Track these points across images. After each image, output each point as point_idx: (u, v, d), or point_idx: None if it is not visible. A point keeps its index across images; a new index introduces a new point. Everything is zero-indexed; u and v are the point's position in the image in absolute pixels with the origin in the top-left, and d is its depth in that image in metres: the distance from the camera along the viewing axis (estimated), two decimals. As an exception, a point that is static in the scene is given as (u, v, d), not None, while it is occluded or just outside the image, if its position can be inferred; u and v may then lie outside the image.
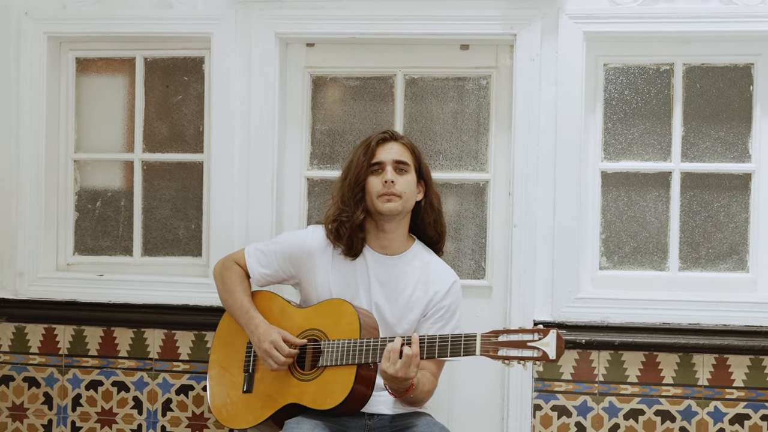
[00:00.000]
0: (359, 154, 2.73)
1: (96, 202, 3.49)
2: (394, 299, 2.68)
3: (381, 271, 2.70)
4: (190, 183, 3.43)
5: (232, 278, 2.78)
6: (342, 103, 3.37)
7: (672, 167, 3.22)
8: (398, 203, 2.65)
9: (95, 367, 3.37)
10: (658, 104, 3.23)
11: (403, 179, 2.67)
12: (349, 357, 2.52)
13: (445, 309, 2.70)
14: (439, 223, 2.79)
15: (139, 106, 3.45)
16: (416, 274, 2.71)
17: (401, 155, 2.70)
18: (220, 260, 2.87)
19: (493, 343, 2.34)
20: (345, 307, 2.60)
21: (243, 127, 3.26)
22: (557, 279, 3.13)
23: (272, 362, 2.60)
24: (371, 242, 2.73)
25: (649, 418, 3.12)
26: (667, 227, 3.23)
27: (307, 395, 2.57)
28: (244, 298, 2.74)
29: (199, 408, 3.32)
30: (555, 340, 2.29)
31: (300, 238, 2.77)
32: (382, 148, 2.71)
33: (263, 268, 2.78)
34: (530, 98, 3.15)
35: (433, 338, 2.43)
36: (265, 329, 2.64)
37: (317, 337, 2.62)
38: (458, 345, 2.40)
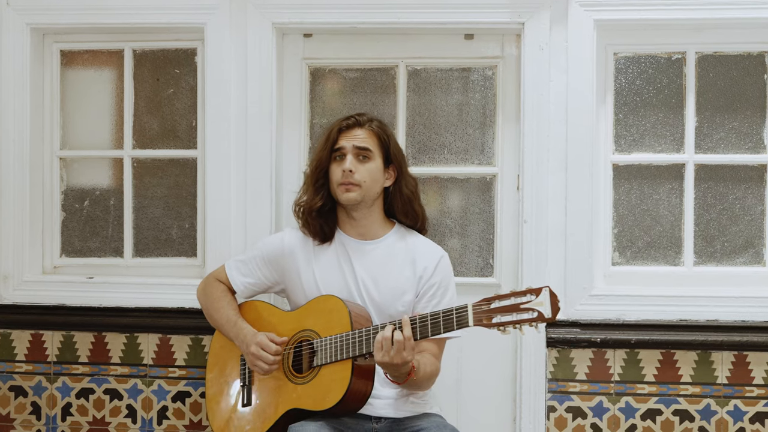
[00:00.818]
0: (322, 141, 2.68)
1: (84, 201, 3.37)
2: (382, 281, 2.60)
3: (363, 257, 2.64)
4: (183, 180, 3.31)
5: (215, 294, 2.74)
6: (341, 95, 3.26)
7: (685, 159, 3.14)
8: (356, 193, 2.58)
9: (86, 374, 3.24)
10: (671, 94, 3.15)
11: (365, 167, 2.60)
12: (343, 351, 2.43)
13: (436, 285, 2.62)
14: (412, 210, 2.70)
15: (128, 101, 3.32)
16: (401, 255, 2.64)
17: (364, 142, 2.61)
18: (202, 281, 2.83)
19: (485, 311, 2.25)
20: (333, 302, 2.52)
21: (238, 122, 3.15)
22: (570, 276, 3.04)
23: (262, 364, 2.52)
24: (346, 229, 2.68)
25: (667, 418, 3.03)
26: (681, 221, 3.15)
27: (306, 398, 2.48)
28: (230, 312, 2.68)
29: (197, 415, 3.20)
30: (548, 298, 2.19)
31: (278, 239, 2.73)
32: (345, 134, 2.64)
33: (245, 277, 2.73)
34: (539, 88, 3.06)
35: (424, 317, 2.35)
36: (252, 334, 2.59)
37: (310, 337, 2.53)
38: (450, 319, 2.31)
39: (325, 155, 2.63)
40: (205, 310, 2.76)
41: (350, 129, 2.63)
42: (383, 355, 2.33)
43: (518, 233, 3.10)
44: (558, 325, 3.02)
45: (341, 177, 2.58)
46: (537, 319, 2.19)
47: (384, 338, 2.33)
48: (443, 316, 2.32)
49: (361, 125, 2.64)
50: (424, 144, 3.21)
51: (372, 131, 2.64)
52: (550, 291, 2.19)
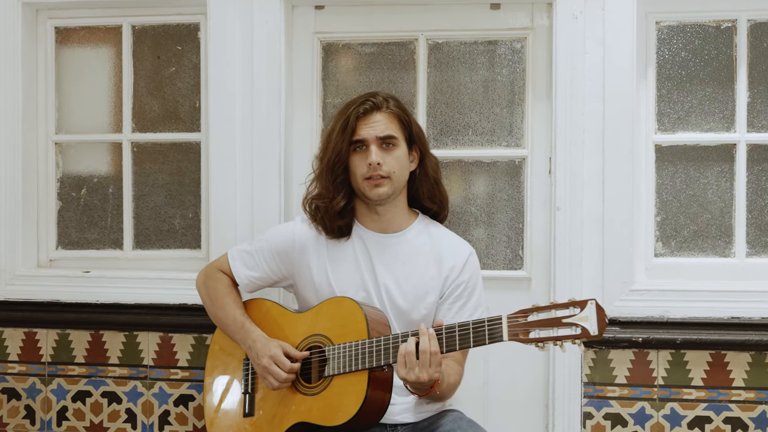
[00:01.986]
0: (337, 130, 2.38)
1: (81, 189, 3.19)
2: (405, 281, 2.36)
3: (384, 253, 2.39)
4: (186, 166, 3.12)
5: (219, 289, 2.48)
6: (357, 72, 3.04)
7: (736, 138, 2.87)
8: (387, 187, 2.34)
9: (82, 375, 3.06)
10: (719, 67, 2.88)
11: (392, 156, 2.35)
12: (359, 361, 2.19)
13: (463, 285, 2.39)
14: (437, 193, 2.47)
15: (127, 81, 3.13)
16: (425, 250, 2.40)
17: (387, 129, 2.35)
18: (201, 270, 2.58)
19: (522, 324, 2.02)
20: (348, 305, 2.27)
21: (245, 102, 2.95)
22: (608, 269, 2.79)
23: (273, 380, 2.27)
24: (366, 222, 2.43)
25: (717, 426, 2.78)
26: (732, 207, 2.88)
27: (315, 411, 2.24)
28: (237, 311, 2.43)
29: (201, 421, 2.99)
30: (595, 312, 1.97)
31: (288, 230, 2.47)
32: (363, 122, 2.35)
33: (251, 271, 2.48)
34: (573, 62, 2.80)
35: (451, 328, 2.11)
36: (263, 344, 2.32)
37: (321, 343, 2.28)
38: (482, 332, 2.07)
39: (344, 146, 2.35)
40: (207, 305, 2.52)
41: (368, 114, 2.36)
42: (408, 372, 2.10)
43: (550, 222, 2.85)
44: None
45: (367, 171, 2.32)
46: (581, 336, 1.96)
47: (407, 352, 2.10)
48: (473, 328, 2.08)
49: (379, 108, 2.36)
50: (446, 125, 2.96)
51: (392, 113, 2.38)
52: (596, 304, 1.97)
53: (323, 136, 2.46)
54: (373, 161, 2.31)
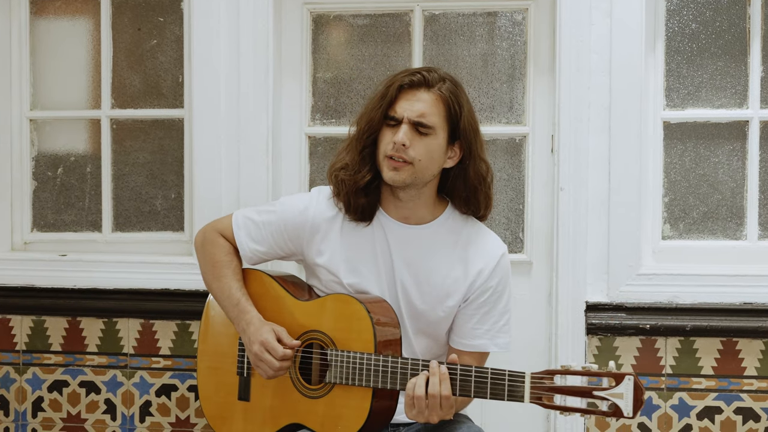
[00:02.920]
0: (376, 97, 2.14)
1: (57, 168, 3.05)
2: (424, 281, 2.14)
3: (405, 246, 2.16)
4: (168, 144, 2.98)
5: (218, 256, 2.25)
6: (348, 46, 2.90)
7: (749, 115, 2.74)
8: (406, 173, 2.07)
9: (59, 364, 2.93)
10: (732, 40, 2.75)
11: (422, 143, 2.06)
12: (363, 377, 2.01)
13: (491, 291, 2.16)
14: (475, 200, 2.18)
15: (106, 54, 2.99)
16: (451, 247, 2.17)
17: (426, 115, 2.06)
18: (201, 229, 2.33)
19: (547, 388, 1.84)
20: (356, 310, 2.06)
21: (231, 77, 2.81)
22: (614, 252, 2.66)
23: (266, 368, 2.08)
24: (389, 209, 2.18)
25: (727, 417, 2.66)
26: (744, 187, 2.76)
27: (314, 417, 2.09)
28: (234, 285, 2.21)
29: (184, 412, 2.85)
30: (632, 390, 1.79)
31: (301, 206, 2.21)
32: (405, 96, 2.08)
33: (256, 244, 2.24)
34: (578, 34, 2.67)
35: (467, 371, 1.92)
36: (256, 327, 2.11)
37: (323, 343, 2.10)
38: (501, 386, 1.89)
39: (377, 116, 2.09)
40: (203, 271, 2.30)
41: (413, 89, 2.08)
42: (417, 415, 1.94)
43: (553, 203, 2.72)
44: (600, 309, 2.65)
45: (390, 149, 2.06)
46: (613, 414, 1.80)
47: (416, 397, 1.92)
48: (492, 379, 1.90)
49: (429, 85, 2.08)
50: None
51: (440, 97, 2.08)
52: (635, 381, 1.80)
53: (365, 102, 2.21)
54: (398, 140, 2.04)
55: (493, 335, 2.15)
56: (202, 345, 2.31)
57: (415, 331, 2.16)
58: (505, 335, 2.17)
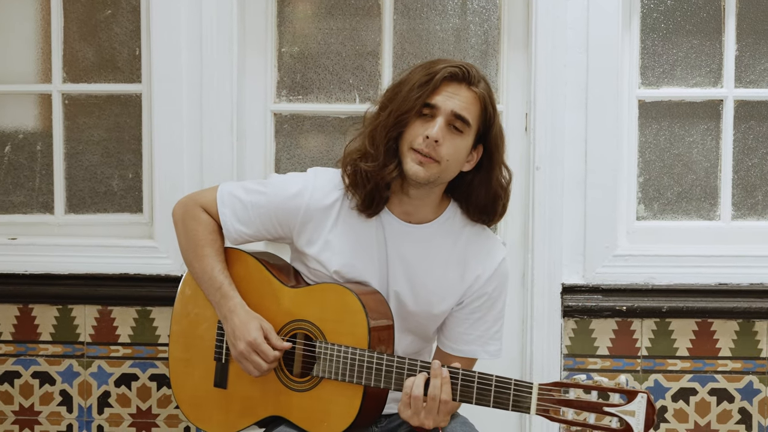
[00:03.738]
0: (415, 82, 1.97)
1: (4, 146, 2.90)
2: (419, 282, 2.05)
3: (402, 244, 2.05)
4: (125, 121, 2.84)
5: (199, 234, 2.10)
6: (315, 19, 2.80)
7: (724, 94, 2.72)
8: (430, 171, 1.95)
9: (10, 354, 2.79)
10: (707, 17, 2.72)
11: (452, 142, 1.95)
12: (354, 374, 1.91)
13: (486, 296, 2.07)
14: (493, 209, 2.07)
15: (56, 24, 2.83)
16: (449, 248, 2.07)
17: (466, 109, 1.95)
18: (180, 201, 2.17)
19: (555, 401, 1.76)
20: (349, 301, 1.95)
21: (192, 50, 2.69)
22: (590, 233, 2.62)
23: (251, 368, 1.97)
24: (392, 205, 2.05)
25: (702, 398, 2.65)
26: (718, 167, 2.74)
27: (297, 411, 1.98)
28: (216, 266, 2.06)
29: (146, 402, 2.74)
30: (644, 409, 1.72)
31: (294, 190, 2.05)
32: (447, 88, 1.95)
33: (242, 225, 2.09)
34: (555, 10, 2.60)
35: (470, 377, 1.84)
36: (242, 321, 1.99)
37: (310, 334, 2.00)
38: (506, 395, 1.81)
39: (417, 104, 1.94)
40: (182, 247, 2.13)
41: (456, 82, 1.96)
42: (411, 416, 1.86)
43: (528, 182, 2.66)
44: (576, 291, 2.61)
45: (421, 143, 1.93)
46: (622, 431, 1.71)
47: (414, 397, 1.84)
48: (497, 388, 1.82)
49: (470, 83, 1.97)
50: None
51: (479, 97, 1.98)
52: (648, 400, 1.72)
53: (388, 89, 2.05)
54: (433, 134, 1.92)
55: (485, 342, 2.08)
56: (176, 326, 2.17)
57: (402, 330, 2.06)
58: (497, 342, 2.10)
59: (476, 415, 2.63)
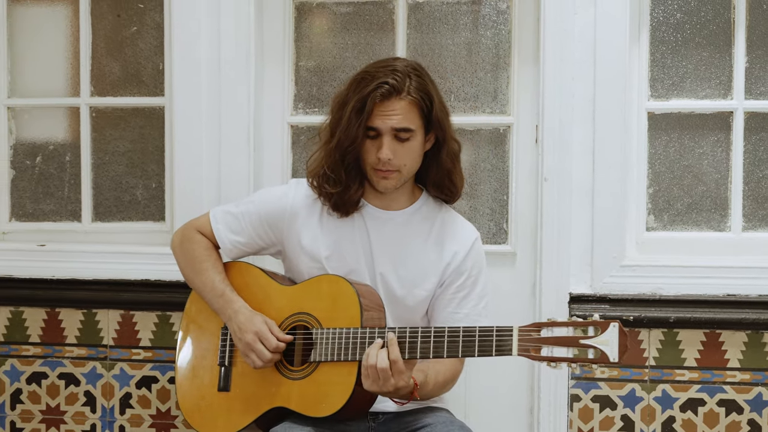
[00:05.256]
0: (351, 110, 2.12)
1: (35, 157, 3.01)
2: (402, 264, 2.19)
3: (382, 231, 2.21)
4: (149, 133, 2.94)
5: (196, 252, 2.26)
6: (331, 34, 2.87)
7: (734, 106, 2.72)
8: (395, 180, 2.16)
9: (38, 356, 2.89)
10: (717, 30, 2.72)
11: (404, 149, 2.13)
12: (349, 351, 2.01)
13: (466, 274, 2.21)
14: (447, 183, 2.25)
15: (85, 41, 2.94)
16: (427, 232, 2.24)
17: (403, 120, 2.11)
18: (178, 230, 2.36)
19: (534, 339, 1.87)
20: (341, 286, 2.08)
21: (211, 65, 2.77)
22: (598, 243, 2.65)
23: (255, 358, 2.08)
24: (370, 199, 2.24)
25: (710, 409, 2.65)
26: (728, 179, 2.74)
27: (297, 398, 2.07)
28: (216, 277, 2.22)
29: (165, 404, 2.84)
30: (617, 336, 1.82)
31: (279, 194, 2.27)
32: (380, 109, 2.11)
33: (235, 235, 2.25)
34: (562, 23, 2.64)
35: (455, 331, 1.95)
36: (246, 317, 2.12)
37: (307, 323, 2.10)
38: (488, 341, 1.92)
39: (360, 133, 2.12)
40: (183, 269, 2.31)
41: (386, 101, 2.11)
42: (371, 384, 1.95)
43: (537, 193, 2.70)
44: (584, 300, 2.64)
45: (377, 163, 2.13)
46: (599, 360, 1.83)
47: (369, 366, 1.94)
48: (480, 336, 1.93)
49: (399, 92, 2.11)
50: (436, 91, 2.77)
51: (412, 102, 2.12)
52: (619, 327, 1.83)
53: (335, 103, 2.20)
54: (383, 156, 2.11)
55: (474, 319, 2.18)
56: (182, 342, 2.30)
57: (393, 319, 2.17)
58: (486, 318, 2.21)
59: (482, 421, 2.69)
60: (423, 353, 1.96)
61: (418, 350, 1.96)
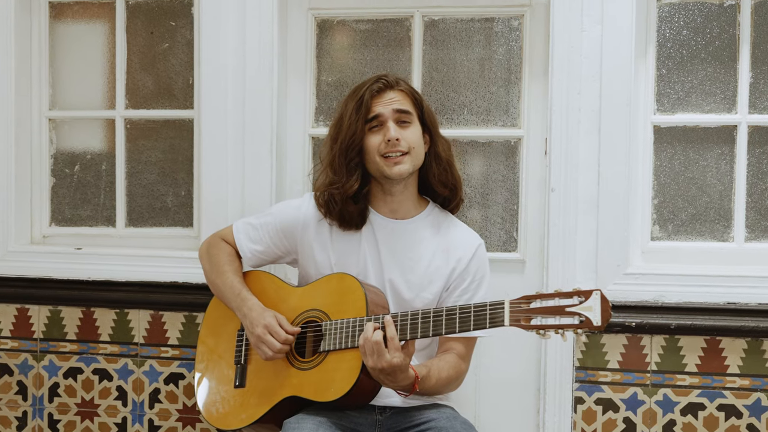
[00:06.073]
0: (350, 111, 2.31)
1: (74, 166, 3.15)
2: (409, 270, 2.32)
3: (391, 239, 2.35)
4: (179, 143, 3.08)
5: (220, 257, 2.45)
6: (351, 50, 2.98)
7: (738, 120, 2.79)
8: (408, 163, 2.30)
9: (74, 352, 3.04)
10: (722, 46, 2.79)
11: (408, 131, 2.31)
12: (355, 339, 2.15)
13: (470, 278, 2.34)
14: (450, 177, 2.40)
15: (120, 57, 3.09)
16: (433, 240, 2.36)
17: (402, 104, 2.32)
18: (205, 239, 2.56)
19: (524, 310, 2.00)
20: (348, 282, 2.24)
21: (237, 79, 2.90)
22: (602, 251, 2.73)
23: (267, 349, 2.23)
24: (378, 206, 2.38)
25: (710, 413, 2.71)
26: (732, 191, 2.81)
27: (307, 386, 2.21)
28: (235, 279, 2.39)
29: (191, 399, 2.98)
30: (599, 303, 1.94)
31: (294, 206, 2.44)
32: (377, 100, 2.31)
33: (255, 244, 2.44)
34: (571, 41, 2.73)
35: (452, 310, 2.08)
36: (258, 313, 2.28)
37: (318, 318, 2.26)
38: (483, 315, 2.04)
39: (360, 126, 2.29)
40: (207, 272, 2.49)
41: (382, 92, 2.32)
42: (368, 359, 2.08)
43: (545, 203, 2.79)
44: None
45: (385, 147, 2.27)
46: (583, 325, 1.94)
47: (367, 339, 2.07)
48: (475, 311, 2.06)
49: (391, 86, 2.34)
50: (441, 103, 2.90)
51: (405, 92, 2.35)
52: (601, 295, 1.94)
53: (331, 125, 2.40)
54: (392, 136, 2.26)
55: None
56: (201, 346, 2.47)
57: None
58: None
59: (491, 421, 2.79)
60: (423, 331, 2.08)
61: (419, 329, 2.09)
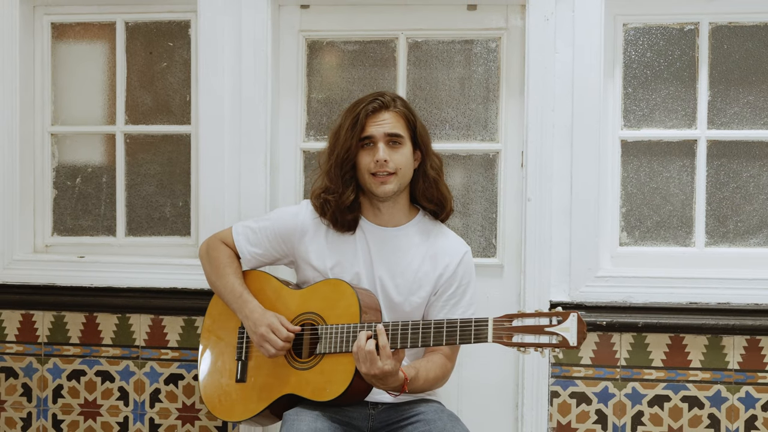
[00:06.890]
0: (347, 126, 2.49)
1: (75, 178, 3.28)
2: (399, 275, 2.49)
3: (382, 246, 2.51)
4: (176, 157, 3.22)
5: (221, 259, 2.58)
6: (340, 69, 3.15)
7: (697, 135, 3.01)
8: (393, 184, 2.45)
9: (77, 355, 3.17)
10: (682, 67, 3.02)
11: (398, 153, 2.46)
12: (350, 344, 2.32)
13: (456, 284, 2.51)
14: (436, 193, 2.54)
15: (120, 75, 3.23)
16: (422, 247, 2.52)
17: (394, 127, 2.46)
18: (205, 241, 2.68)
19: (506, 328, 2.15)
20: (343, 289, 2.40)
21: (233, 96, 3.06)
22: (575, 256, 2.93)
23: (269, 347, 2.40)
24: (368, 215, 2.55)
25: (675, 404, 2.92)
26: (693, 199, 3.02)
27: (305, 385, 2.38)
28: (236, 281, 2.53)
29: (190, 399, 3.12)
30: (576, 325, 2.10)
31: (292, 213, 2.59)
32: (372, 120, 2.47)
33: (253, 247, 2.58)
34: (544, 62, 2.94)
35: (439, 324, 2.25)
36: (260, 314, 2.44)
37: (314, 321, 2.43)
38: (468, 331, 2.21)
39: (354, 143, 2.45)
40: (207, 273, 2.62)
41: (377, 113, 2.47)
42: (361, 366, 2.24)
43: (522, 212, 2.99)
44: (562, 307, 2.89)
45: (374, 167, 2.44)
46: (561, 345, 2.10)
47: (359, 348, 2.24)
48: (461, 327, 2.22)
49: (387, 107, 2.48)
50: (425, 119, 3.09)
51: (399, 113, 2.49)
52: (578, 317, 2.10)
53: (331, 133, 2.55)
54: (380, 158, 2.41)
55: None
56: (204, 341, 2.62)
57: (391, 319, 2.46)
58: None
59: (474, 415, 2.97)
60: (413, 342, 2.25)
61: (408, 339, 2.25)
